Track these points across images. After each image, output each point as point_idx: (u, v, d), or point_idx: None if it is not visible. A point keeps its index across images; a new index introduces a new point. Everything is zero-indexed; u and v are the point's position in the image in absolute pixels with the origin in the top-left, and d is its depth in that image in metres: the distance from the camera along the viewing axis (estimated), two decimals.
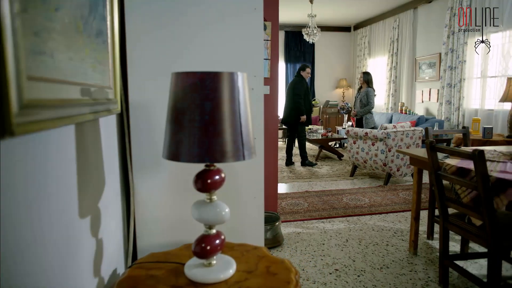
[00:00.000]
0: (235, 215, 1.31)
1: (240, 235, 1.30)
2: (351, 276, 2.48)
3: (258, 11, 1.24)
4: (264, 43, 3.04)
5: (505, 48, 5.13)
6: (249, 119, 0.93)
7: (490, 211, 1.85)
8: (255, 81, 1.26)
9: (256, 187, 1.31)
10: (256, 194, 1.32)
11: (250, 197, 1.31)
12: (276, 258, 1.06)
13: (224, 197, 1.30)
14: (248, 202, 1.31)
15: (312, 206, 3.94)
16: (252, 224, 1.32)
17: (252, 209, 1.32)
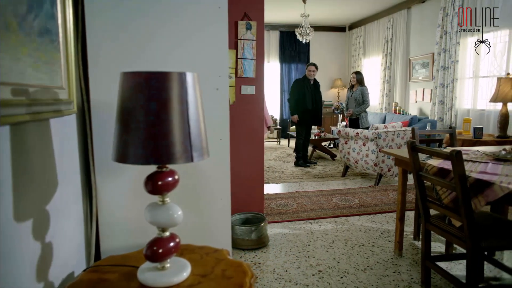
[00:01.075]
0: (200, 217, 1.29)
1: (206, 237, 1.28)
2: (334, 278, 2.46)
3: (222, 10, 1.22)
4: (250, 43, 3.03)
5: (496, 48, 5.12)
6: (200, 119, 0.91)
7: (468, 212, 1.84)
8: (220, 81, 1.24)
9: (222, 189, 1.30)
10: (222, 195, 1.30)
11: (216, 199, 1.29)
12: (234, 261, 1.04)
13: (189, 198, 1.28)
14: (214, 203, 1.29)
15: (301, 207, 3.92)
16: (218, 226, 1.30)
17: (218, 211, 1.30)
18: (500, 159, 2.32)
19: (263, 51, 3.08)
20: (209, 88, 1.24)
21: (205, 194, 1.28)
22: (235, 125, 3.12)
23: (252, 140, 3.16)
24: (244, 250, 2.88)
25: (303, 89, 5.64)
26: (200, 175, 1.27)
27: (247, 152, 3.16)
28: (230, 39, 2.99)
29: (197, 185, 1.27)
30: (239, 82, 3.06)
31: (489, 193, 1.79)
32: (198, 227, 1.28)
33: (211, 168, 1.27)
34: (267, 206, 3.96)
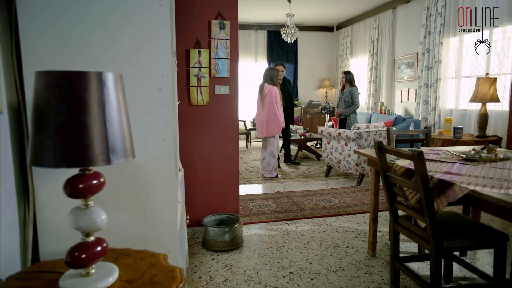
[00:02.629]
0: (144, 220, 1.26)
1: (150, 241, 1.25)
2: (304, 280, 2.44)
3: (164, 8, 1.19)
4: (223, 42, 3.00)
5: (477, 48, 5.13)
6: (123, 121, 0.88)
7: (430, 213, 1.83)
8: (163, 80, 1.21)
9: (168, 191, 1.27)
10: (168, 198, 1.27)
11: (162, 201, 1.26)
12: (168, 267, 1.01)
13: (132, 201, 1.25)
14: (159, 206, 1.26)
15: (280, 207, 3.90)
16: (164, 229, 1.27)
17: (164, 214, 1.27)
18: (469, 159, 2.32)
19: (237, 50, 3.05)
20: (151, 88, 1.21)
21: (150, 196, 1.25)
22: (209, 126, 3.08)
23: (226, 141, 3.13)
24: (217, 251, 2.85)
25: None
26: (144, 177, 1.24)
27: (221, 153, 3.13)
28: (203, 39, 2.97)
29: (141, 188, 1.24)
30: (213, 82, 3.03)
31: (450, 193, 1.78)
32: (142, 231, 1.25)
33: (155, 169, 1.24)
34: (246, 206, 3.94)
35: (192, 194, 3.11)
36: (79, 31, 1.13)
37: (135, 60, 1.18)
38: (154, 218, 1.26)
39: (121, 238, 1.22)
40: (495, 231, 1.94)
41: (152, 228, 1.26)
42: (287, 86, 5.95)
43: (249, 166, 6.12)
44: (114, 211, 1.23)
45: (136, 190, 1.23)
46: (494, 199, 1.53)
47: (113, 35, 1.16)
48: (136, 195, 1.24)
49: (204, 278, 2.47)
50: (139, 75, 1.19)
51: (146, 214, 1.25)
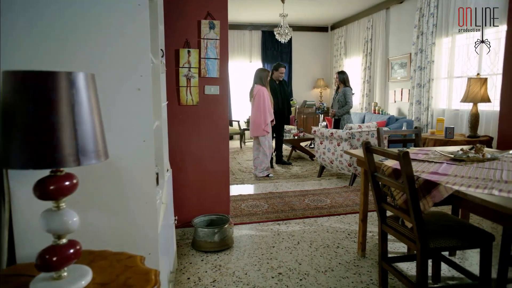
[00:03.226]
0: (123, 222, 1.25)
1: (129, 242, 1.24)
2: (293, 280, 2.44)
3: (143, 7, 1.18)
4: (213, 42, 2.98)
5: (469, 49, 5.16)
6: (95, 121, 0.87)
7: (416, 213, 1.82)
8: (141, 80, 1.20)
9: (148, 192, 1.25)
10: (148, 199, 1.25)
11: (141, 203, 1.25)
12: (143, 269, 1.00)
13: (110, 203, 1.23)
14: (139, 207, 1.25)
15: (272, 208, 3.89)
16: (144, 230, 1.26)
17: (144, 215, 1.26)
18: (456, 159, 2.32)
19: (227, 50, 3.04)
20: (129, 88, 1.19)
21: (129, 198, 1.24)
22: (198, 126, 3.07)
23: (217, 142, 3.12)
24: (207, 252, 2.84)
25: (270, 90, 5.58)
26: (123, 178, 1.22)
27: (211, 153, 3.12)
28: (192, 39, 2.96)
29: (121, 189, 1.23)
30: (203, 82, 3.01)
31: (435, 193, 1.78)
32: (121, 232, 1.23)
33: (134, 170, 1.23)
34: (238, 207, 3.93)
35: (182, 194, 3.10)
36: (55, 31, 1.11)
37: (112, 60, 1.17)
38: (133, 220, 1.25)
39: (99, 240, 1.21)
40: (481, 231, 1.94)
41: (131, 229, 1.25)
42: (284, 87, 5.96)
43: (243, 166, 6.10)
44: (93, 213, 1.22)
45: (115, 191, 1.22)
46: (478, 199, 1.53)
47: (90, 35, 1.15)
48: (115, 196, 1.23)
49: (193, 279, 2.46)
50: (117, 75, 1.18)
51: (126, 215, 1.24)
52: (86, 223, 1.20)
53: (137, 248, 1.24)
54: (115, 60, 1.17)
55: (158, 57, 1.92)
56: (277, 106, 5.72)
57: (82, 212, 1.20)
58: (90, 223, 1.21)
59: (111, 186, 1.22)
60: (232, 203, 4.03)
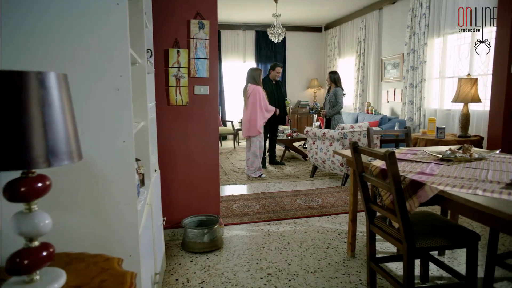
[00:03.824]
0: (103, 224, 1.23)
1: (109, 244, 1.23)
2: (282, 281, 2.43)
3: (122, 6, 1.16)
4: (203, 42, 2.97)
5: (460, 49, 5.19)
6: (68, 122, 0.85)
7: (402, 213, 1.82)
8: (121, 81, 1.18)
9: (128, 193, 1.24)
10: (128, 200, 1.24)
11: (120, 204, 1.23)
12: (119, 272, 0.99)
13: (90, 204, 1.22)
14: (119, 209, 1.24)
15: (263, 208, 3.88)
16: (124, 232, 1.24)
17: (124, 217, 1.24)
18: (444, 159, 2.33)
19: (217, 50, 3.02)
20: (108, 89, 1.18)
21: (109, 199, 1.22)
22: (188, 127, 3.05)
23: (206, 142, 3.11)
24: (196, 253, 2.83)
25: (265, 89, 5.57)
26: (103, 180, 1.21)
27: (201, 154, 3.11)
28: (182, 38, 2.94)
29: (100, 190, 1.21)
30: (192, 82, 3.00)
31: (421, 194, 1.78)
32: (101, 234, 1.22)
33: (114, 171, 1.21)
34: (229, 207, 3.91)
35: (172, 195, 3.08)
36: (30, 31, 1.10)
37: (90, 60, 1.15)
38: (113, 221, 1.23)
39: (78, 242, 1.19)
40: (468, 231, 1.94)
41: (111, 231, 1.23)
42: (280, 87, 5.95)
43: (235, 166, 6.09)
44: (72, 214, 1.20)
45: (95, 193, 1.21)
46: (462, 199, 1.53)
47: (67, 35, 1.13)
48: (95, 197, 1.21)
49: (181, 280, 2.44)
50: (95, 75, 1.17)
51: (105, 217, 1.22)
52: (65, 224, 1.19)
53: (117, 250, 1.23)
54: (93, 60, 1.16)
55: (144, 57, 1.91)
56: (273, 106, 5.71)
57: (61, 213, 1.19)
58: (69, 225, 1.19)
59: (91, 187, 1.20)
60: (223, 204, 4.02)
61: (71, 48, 1.14)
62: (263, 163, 5.84)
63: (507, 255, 2.30)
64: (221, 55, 9.11)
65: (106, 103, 1.18)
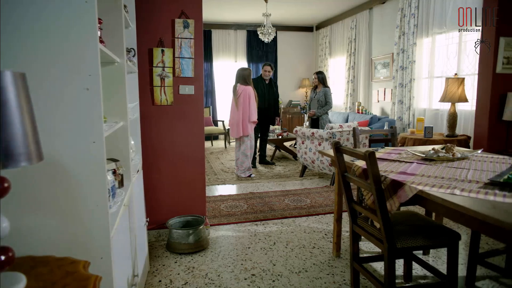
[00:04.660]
0: (73, 226, 1.21)
1: (80, 247, 1.20)
2: (266, 281, 2.42)
3: (89, 4, 1.14)
4: (187, 41, 2.95)
5: (448, 49, 5.21)
6: (26, 123, 0.83)
7: (383, 213, 1.82)
8: (90, 80, 1.16)
9: (98, 194, 1.22)
10: (99, 202, 1.22)
11: (91, 206, 1.21)
12: (83, 275, 0.97)
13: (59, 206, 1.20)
14: (90, 211, 1.21)
15: (251, 208, 3.87)
16: (95, 234, 1.22)
17: (95, 218, 1.22)
18: (427, 159, 2.33)
19: (202, 50, 3.00)
20: (77, 88, 1.15)
21: (79, 201, 1.20)
22: (173, 127, 3.03)
23: (192, 142, 3.09)
24: (181, 254, 2.80)
25: (256, 89, 5.56)
26: (72, 181, 1.19)
27: (187, 154, 3.08)
28: (166, 38, 2.92)
29: (69, 192, 1.19)
30: (177, 81, 2.97)
31: (401, 193, 1.78)
32: (70, 237, 1.19)
33: (83, 172, 1.19)
34: (217, 207, 3.89)
35: (157, 195, 3.06)
36: None
37: (59, 59, 1.13)
38: (83, 223, 1.21)
39: (47, 245, 1.17)
40: (448, 230, 1.95)
41: (81, 233, 1.21)
42: (273, 87, 5.93)
43: (225, 166, 6.07)
44: (40, 217, 1.18)
45: (63, 195, 1.18)
46: (439, 199, 1.53)
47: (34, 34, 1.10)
48: (64, 199, 1.19)
49: (164, 281, 2.42)
50: (64, 75, 1.14)
51: (75, 219, 1.20)
52: (32, 227, 1.16)
53: (87, 253, 1.21)
54: (61, 59, 1.13)
55: (123, 56, 1.88)
56: (263, 106, 5.70)
57: (28, 216, 1.17)
58: (37, 228, 1.17)
59: (61, 189, 1.18)
60: (211, 204, 4.00)
61: (38, 47, 1.12)
62: (253, 163, 5.82)
63: (488, 254, 2.31)
64: (212, 54, 9.09)
65: (75, 103, 1.16)
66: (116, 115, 1.88)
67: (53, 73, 1.14)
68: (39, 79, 1.12)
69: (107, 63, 1.82)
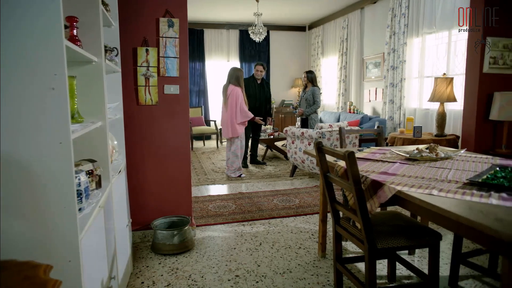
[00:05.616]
0: (39, 228, 1.19)
1: (45, 250, 1.18)
2: (250, 282, 2.40)
3: (54, 2, 1.11)
4: (172, 40, 2.92)
5: (438, 49, 5.22)
6: None
7: (363, 213, 1.81)
8: (56, 79, 1.14)
9: (65, 196, 1.19)
10: (67, 204, 1.19)
11: (59, 207, 1.19)
12: (42, 280, 0.95)
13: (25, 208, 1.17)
14: (57, 213, 1.19)
15: (239, 209, 3.85)
16: (62, 237, 1.20)
17: (62, 221, 1.19)
18: (411, 158, 2.32)
19: (187, 49, 2.98)
20: (42, 88, 1.13)
21: (45, 203, 1.17)
22: (159, 126, 3.00)
23: (177, 142, 3.06)
24: (166, 255, 2.78)
25: (247, 88, 5.54)
26: (39, 183, 1.16)
27: (172, 154, 3.06)
28: (151, 37, 2.89)
29: (36, 194, 1.16)
30: (162, 81, 2.95)
31: (381, 194, 1.77)
32: (35, 240, 1.17)
33: (49, 174, 1.16)
34: (205, 208, 3.87)
35: (142, 196, 3.03)
36: None
37: (22, 58, 1.10)
38: (50, 226, 1.18)
39: (10, 249, 1.14)
40: (430, 230, 1.94)
41: (47, 236, 1.18)
42: (265, 87, 5.91)
43: (216, 166, 6.05)
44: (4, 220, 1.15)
45: (28, 197, 1.16)
46: (417, 199, 1.52)
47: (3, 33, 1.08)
48: (28, 202, 1.16)
49: (146, 283, 2.39)
50: (27, 74, 1.12)
51: (41, 221, 1.18)
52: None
53: (53, 256, 1.18)
54: (24, 57, 1.11)
55: (100, 55, 1.85)
56: (254, 106, 5.67)
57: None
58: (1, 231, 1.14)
59: (24, 191, 1.15)
60: (199, 204, 3.98)
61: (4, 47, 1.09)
62: (244, 162, 5.80)
63: (471, 253, 2.31)
64: (205, 54, 9.05)
65: (39, 103, 1.14)
66: (94, 115, 1.85)
67: (17, 72, 1.11)
68: (2, 78, 1.10)
69: (84, 63, 1.80)
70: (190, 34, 8.84)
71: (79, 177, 1.47)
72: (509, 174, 1.77)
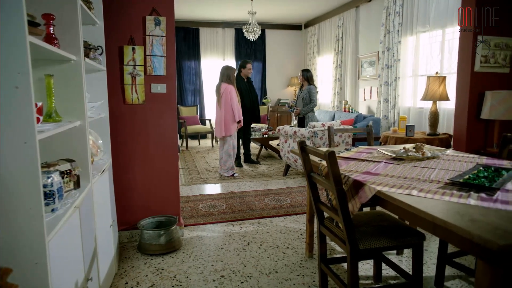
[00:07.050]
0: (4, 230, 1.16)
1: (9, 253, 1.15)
2: (235, 283, 2.38)
3: None
4: (159, 39, 2.89)
5: (432, 47, 5.20)
6: None
7: (344, 213, 1.79)
8: (19, 78, 1.11)
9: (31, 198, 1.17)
10: (33, 205, 1.17)
11: (24, 209, 1.16)
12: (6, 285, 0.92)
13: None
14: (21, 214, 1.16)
15: (230, 208, 3.83)
16: (28, 239, 1.17)
17: (27, 223, 1.17)
18: (396, 158, 2.30)
19: (174, 47, 2.95)
20: (5, 87, 1.10)
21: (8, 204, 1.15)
22: (146, 125, 2.98)
23: (165, 141, 3.04)
24: (152, 255, 2.76)
25: (239, 89, 5.50)
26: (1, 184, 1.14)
27: (160, 153, 3.04)
28: (137, 35, 2.86)
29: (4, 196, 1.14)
30: (149, 80, 2.92)
31: (362, 194, 1.75)
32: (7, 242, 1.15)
33: (14, 174, 1.14)
34: (195, 207, 3.85)
35: (129, 196, 3.01)
36: None
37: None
38: (14, 228, 1.16)
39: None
40: (414, 231, 1.92)
41: (10, 238, 1.16)
42: (252, 85, 5.89)
43: (210, 165, 6.02)
44: None
45: None
46: (396, 200, 1.50)
47: None
48: None
49: (131, 284, 2.37)
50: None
51: (5, 223, 1.15)
52: None
53: (19, 259, 1.16)
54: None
55: (79, 54, 1.83)
56: (247, 105, 5.65)
57: None
58: None
59: None
60: (190, 204, 3.96)
61: None
62: (238, 162, 5.78)
63: (457, 253, 2.29)
64: (200, 53, 9.02)
65: (3, 102, 1.11)
66: (72, 114, 1.83)
67: None
68: None
69: (62, 61, 1.77)
70: (186, 33, 8.81)
71: (51, 177, 1.45)
72: (491, 174, 1.75)
